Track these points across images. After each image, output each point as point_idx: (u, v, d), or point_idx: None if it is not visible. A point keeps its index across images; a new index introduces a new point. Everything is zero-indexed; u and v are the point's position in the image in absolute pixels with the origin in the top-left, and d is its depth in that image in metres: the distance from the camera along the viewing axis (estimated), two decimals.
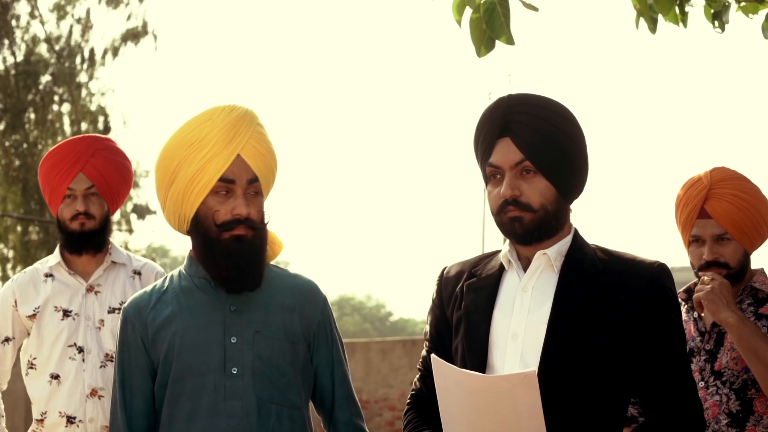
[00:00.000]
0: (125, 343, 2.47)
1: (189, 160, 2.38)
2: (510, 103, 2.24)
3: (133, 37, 20.71)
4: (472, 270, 2.34)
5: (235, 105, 2.44)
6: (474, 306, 2.27)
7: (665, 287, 2.19)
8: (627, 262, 2.22)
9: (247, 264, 2.39)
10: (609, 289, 2.18)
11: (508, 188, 2.19)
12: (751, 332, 2.79)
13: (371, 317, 54.69)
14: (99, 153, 3.37)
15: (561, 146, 2.20)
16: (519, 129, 2.21)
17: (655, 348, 2.16)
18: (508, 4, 2.90)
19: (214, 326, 2.41)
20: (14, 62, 19.81)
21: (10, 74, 19.64)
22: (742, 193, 2.96)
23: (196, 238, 2.43)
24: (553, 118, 2.22)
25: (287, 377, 2.43)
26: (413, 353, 12.56)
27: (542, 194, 2.19)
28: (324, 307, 2.55)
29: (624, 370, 2.17)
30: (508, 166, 2.21)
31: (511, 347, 2.19)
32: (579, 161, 2.24)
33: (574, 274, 2.21)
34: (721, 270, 2.95)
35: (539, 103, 2.24)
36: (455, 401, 2.13)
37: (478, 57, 2.98)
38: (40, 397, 3.34)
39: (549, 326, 2.16)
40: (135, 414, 2.44)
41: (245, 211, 2.38)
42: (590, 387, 2.14)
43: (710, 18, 3.61)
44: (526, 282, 2.24)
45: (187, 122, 2.43)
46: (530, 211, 2.19)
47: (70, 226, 3.36)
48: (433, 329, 2.39)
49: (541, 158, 2.19)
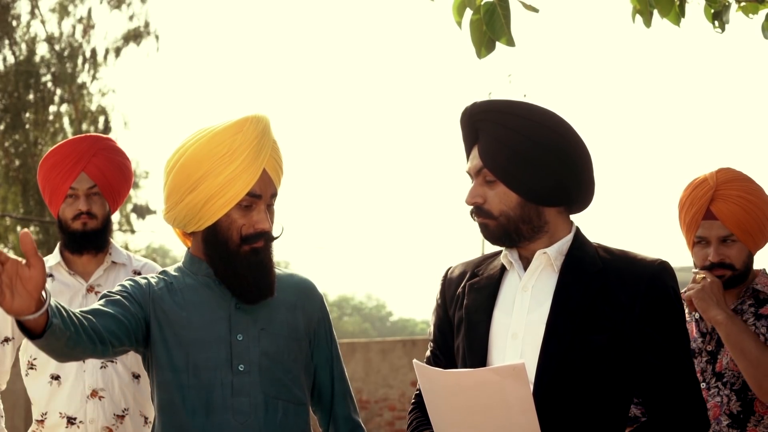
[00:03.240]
0: (132, 281, 2.47)
1: (217, 172, 2.38)
2: (473, 110, 2.27)
3: (135, 38, 20.70)
4: (474, 270, 2.35)
5: (259, 115, 2.44)
6: (474, 306, 2.28)
7: (667, 285, 2.18)
8: (628, 261, 2.21)
9: (264, 275, 2.42)
10: (609, 288, 2.17)
11: (470, 196, 2.26)
12: (739, 330, 2.79)
13: (371, 317, 54.68)
14: (101, 153, 3.37)
15: (521, 152, 2.19)
16: (483, 137, 2.24)
17: (657, 347, 2.15)
18: (509, 5, 2.90)
19: (220, 323, 2.42)
20: (14, 62, 19.81)
21: (11, 74, 19.63)
22: (747, 195, 2.96)
23: (212, 245, 2.43)
24: (516, 123, 2.21)
25: (292, 373, 2.45)
26: (413, 353, 12.55)
27: (502, 201, 2.22)
28: (322, 304, 2.59)
29: (625, 369, 2.16)
30: (473, 173, 2.26)
31: (510, 347, 2.19)
32: (547, 164, 2.20)
33: (574, 273, 2.20)
34: (726, 271, 2.95)
35: (502, 108, 2.24)
36: (444, 404, 2.12)
37: (479, 58, 2.98)
38: (40, 397, 3.34)
39: (548, 325, 2.16)
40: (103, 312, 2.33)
41: (268, 226, 2.42)
42: (590, 387, 2.14)
43: (710, 18, 3.61)
44: (526, 281, 2.24)
45: (217, 132, 2.41)
46: (491, 218, 2.23)
47: (72, 226, 3.35)
48: (437, 330, 2.39)
49: (497, 166, 2.21)
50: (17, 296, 1.96)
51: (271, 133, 2.45)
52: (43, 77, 20.15)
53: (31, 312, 2.00)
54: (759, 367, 2.78)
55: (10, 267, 1.95)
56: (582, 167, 2.25)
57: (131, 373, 3.33)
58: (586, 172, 2.26)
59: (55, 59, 20.16)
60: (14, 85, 19.60)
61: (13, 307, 1.97)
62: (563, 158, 2.22)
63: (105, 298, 2.41)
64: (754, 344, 2.78)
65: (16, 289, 1.96)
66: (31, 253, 1.95)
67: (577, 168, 2.24)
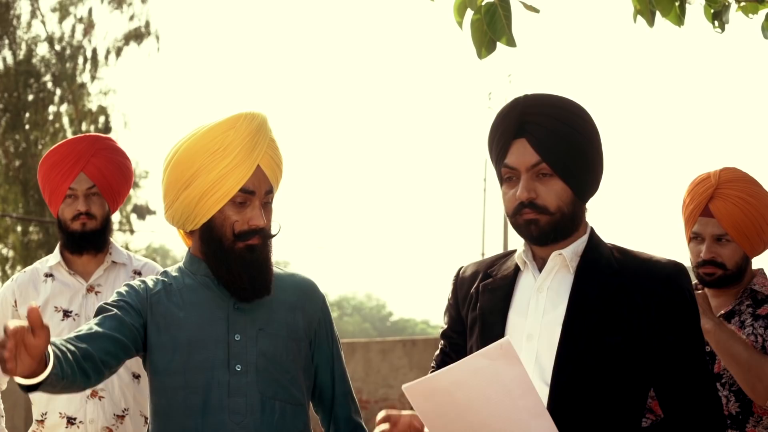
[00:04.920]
0: (125, 288, 2.45)
1: (209, 168, 2.38)
2: (526, 103, 2.21)
3: (136, 38, 20.72)
4: (487, 270, 2.32)
5: (254, 112, 2.44)
6: (489, 307, 2.25)
7: (682, 287, 2.16)
8: (643, 262, 2.20)
9: (259, 273, 2.41)
10: (625, 290, 2.15)
11: (524, 191, 2.16)
12: (728, 336, 2.80)
13: (371, 317, 54.71)
14: (100, 152, 3.36)
15: (577, 147, 2.17)
16: (535, 130, 2.17)
17: (674, 348, 2.14)
18: (510, 5, 2.89)
19: (218, 323, 2.41)
20: (15, 62, 19.81)
21: (11, 74, 19.64)
22: (748, 197, 2.95)
23: (207, 242, 2.43)
24: (570, 119, 2.19)
25: (290, 374, 2.45)
26: (413, 353, 12.56)
27: (558, 196, 2.16)
28: (323, 304, 2.58)
29: (640, 370, 2.15)
30: (524, 167, 2.17)
31: (526, 348, 2.17)
32: (595, 162, 2.21)
33: (590, 274, 2.18)
34: (716, 270, 2.95)
35: (555, 103, 2.21)
36: (446, 414, 2.04)
37: (479, 58, 2.97)
38: (40, 397, 3.33)
39: (564, 327, 2.14)
40: (100, 334, 2.31)
41: (263, 223, 2.40)
42: (606, 388, 2.12)
43: (710, 18, 3.60)
44: (541, 282, 2.21)
45: (210, 128, 2.41)
46: (547, 213, 2.16)
47: (71, 226, 3.35)
48: (450, 330, 2.38)
49: (558, 160, 2.16)
50: (20, 362, 1.98)
51: (267, 131, 2.44)
52: (43, 77, 20.16)
53: (34, 376, 2.03)
54: (750, 370, 2.78)
55: (17, 335, 1.95)
56: (602, 169, 2.27)
57: (131, 373, 3.33)
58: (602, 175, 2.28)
59: (55, 59, 20.16)
60: (14, 85, 19.61)
61: (16, 372, 1.99)
62: (601, 157, 2.23)
63: (102, 312, 2.39)
64: (743, 348, 2.79)
65: (20, 356, 1.97)
66: (38, 325, 1.96)
67: (602, 165, 2.26)
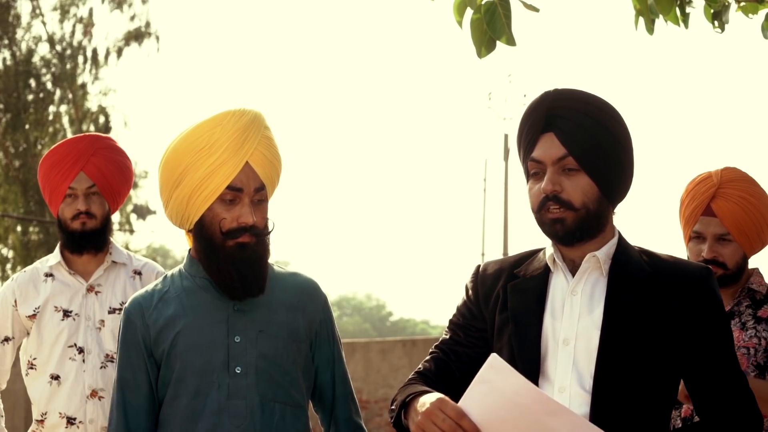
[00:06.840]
0: (126, 343, 2.45)
1: (197, 166, 2.36)
2: (555, 97, 2.18)
3: (136, 38, 20.72)
4: (513, 270, 2.28)
5: (245, 109, 2.42)
6: (522, 308, 2.21)
7: (714, 290, 2.16)
8: (674, 266, 2.18)
9: (251, 271, 2.39)
10: (660, 293, 2.14)
11: (549, 183, 2.13)
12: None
13: (371, 317, 54.69)
14: (100, 152, 3.36)
15: (605, 144, 2.15)
16: (563, 124, 2.15)
17: (707, 348, 2.13)
18: (509, 4, 2.89)
19: (218, 326, 2.40)
20: (14, 62, 19.81)
21: (11, 74, 19.64)
22: (750, 197, 2.96)
23: (200, 241, 2.43)
24: (598, 115, 2.16)
25: (290, 375, 2.43)
26: (413, 353, 12.56)
27: (584, 192, 2.13)
28: (325, 305, 2.56)
29: (675, 372, 2.15)
30: (550, 161, 2.15)
31: (562, 353, 2.14)
32: (623, 162, 2.18)
33: (624, 277, 2.16)
34: (717, 269, 2.95)
35: (585, 98, 2.19)
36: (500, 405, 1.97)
37: (479, 58, 2.97)
38: (40, 397, 3.33)
39: (603, 331, 2.11)
40: (134, 414, 2.42)
41: (251, 220, 2.37)
42: (645, 392, 2.11)
43: (710, 18, 3.61)
44: (575, 285, 2.18)
45: (197, 126, 2.40)
46: (571, 209, 2.13)
47: (71, 226, 3.35)
48: (462, 323, 2.31)
49: (584, 154, 2.13)
50: None
51: (259, 128, 2.41)
52: (43, 77, 20.16)
53: None
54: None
55: None
56: (632, 172, 2.23)
57: None
58: (632, 177, 2.24)
59: (56, 59, 20.16)
60: (14, 85, 19.61)
61: None
62: (631, 158, 2.20)
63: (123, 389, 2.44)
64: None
65: None
66: None
67: (632, 168, 2.23)
